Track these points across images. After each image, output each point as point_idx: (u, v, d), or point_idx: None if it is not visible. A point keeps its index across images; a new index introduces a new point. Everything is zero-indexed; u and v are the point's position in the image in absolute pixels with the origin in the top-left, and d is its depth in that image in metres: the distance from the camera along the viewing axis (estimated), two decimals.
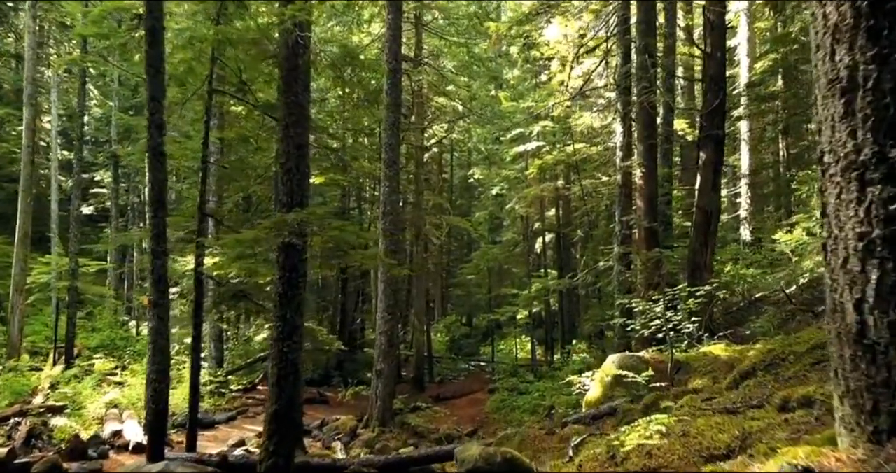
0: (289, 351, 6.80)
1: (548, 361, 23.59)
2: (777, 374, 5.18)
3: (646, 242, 12.55)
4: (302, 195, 7.00)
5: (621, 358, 8.67)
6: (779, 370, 5.29)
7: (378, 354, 14.34)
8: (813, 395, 3.37)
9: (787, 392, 3.66)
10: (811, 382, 4.60)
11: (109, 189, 31.15)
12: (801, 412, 3.27)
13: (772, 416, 3.48)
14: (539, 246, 27.37)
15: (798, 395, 3.48)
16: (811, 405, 3.32)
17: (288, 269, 6.89)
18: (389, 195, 14.40)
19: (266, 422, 6.74)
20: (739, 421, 3.49)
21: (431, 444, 14.10)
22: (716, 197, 12.35)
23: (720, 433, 3.33)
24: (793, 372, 5.00)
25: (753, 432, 3.13)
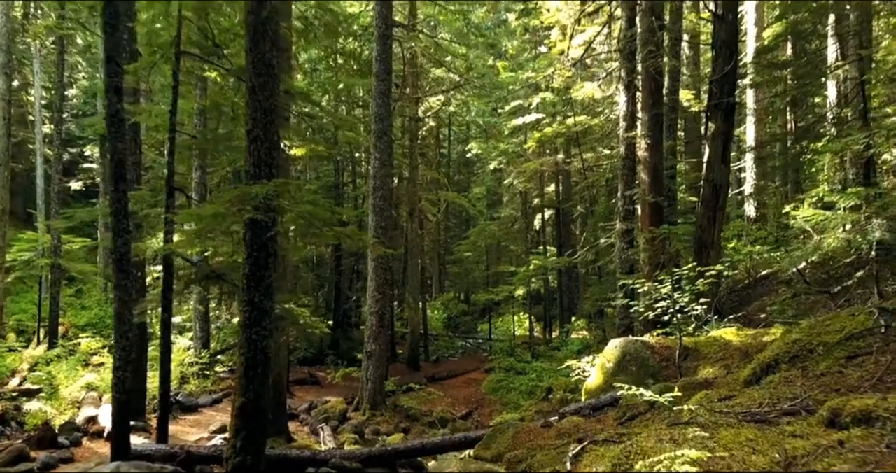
0: (258, 339, 6.15)
1: (546, 339, 23.06)
2: (805, 369, 4.52)
3: (650, 218, 11.85)
4: (271, 166, 6.28)
5: (624, 342, 8.03)
6: (806, 363, 4.62)
7: (369, 335, 13.74)
8: (874, 410, 2.72)
9: (838, 402, 3.00)
10: (850, 380, 3.95)
11: (98, 163, 30.31)
12: (858, 431, 2.62)
13: (817, 433, 2.83)
14: (538, 223, 26.67)
15: (853, 408, 2.82)
16: (871, 422, 2.68)
17: (255, 248, 6.20)
18: (380, 168, 13.66)
19: (233, 416, 6.12)
20: (776, 438, 2.84)
21: (424, 428, 13.60)
22: (725, 169, 11.60)
23: (754, 454, 2.67)
24: (824, 368, 4.33)
25: (799, 456, 2.48)
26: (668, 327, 8.89)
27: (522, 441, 6.51)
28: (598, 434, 5.60)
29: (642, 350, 7.78)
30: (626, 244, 12.24)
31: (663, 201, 12.05)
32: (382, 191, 13.65)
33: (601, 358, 8.32)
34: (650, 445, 3.30)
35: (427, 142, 31.09)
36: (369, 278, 13.79)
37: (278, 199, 5.96)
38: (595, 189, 19.87)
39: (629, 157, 12.75)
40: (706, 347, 7.62)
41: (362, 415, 13.37)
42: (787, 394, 4.00)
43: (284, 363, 11.04)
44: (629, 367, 7.74)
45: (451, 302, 34.58)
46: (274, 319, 6.43)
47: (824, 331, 4.93)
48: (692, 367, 7.26)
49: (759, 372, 5.03)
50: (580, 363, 9.15)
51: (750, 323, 9.69)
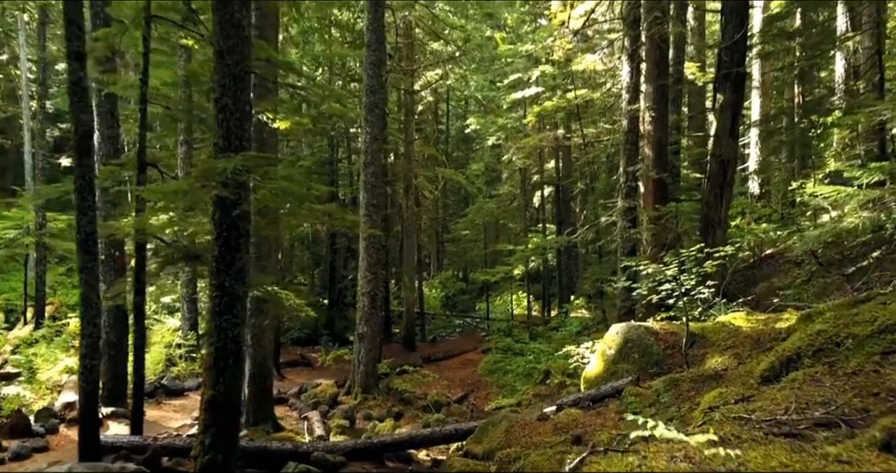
0: (228, 327, 5.64)
1: (544, 319, 22.64)
2: (833, 366, 4.01)
3: (653, 195, 11.30)
4: (241, 138, 5.70)
5: (626, 328, 7.54)
6: (834, 359, 4.12)
7: (360, 316, 13.28)
8: None
9: (891, 420, 2.50)
10: (890, 382, 3.43)
11: None
12: None
13: (870, 459, 2.34)
14: (537, 200, 26.10)
15: None
16: None
17: (225, 228, 5.66)
18: (371, 143, 13.05)
19: (201, 410, 5.63)
20: (818, 465, 2.34)
21: (417, 412, 13.19)
22: (733, 144, 11.01)
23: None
24: (856, 365, 3.82)
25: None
26: (672, 310, 8.39)
27: (516, 436, 6.05)
28: (598, 432, 5.13)
29: (645, 336, 7.29)
30: (628, 222, 11.70)
31: (667, 178, 11.48)
32: (374, 167, 13.07)
33: (601, 344, 7.84)
34: (662, 465, 2.80)
35: (424, 117, 30.37)
36: (360, 258, 13.27)
37: (248, 175, 5.40)
38: (596, 165, 19.25)
39: (632, 131, 12.15)
40: (714, 334, 7.12)
41: (354, 399, 12.96)
42: (817, 397, 3.49)
43: (271, 347, 10.58)
44: (631, 355, 7.26)
45: (450, 280, 34.13)
46: (247, 305, 5.91)
47: (852, 322, 4.42)
48: (699, 355, 6.77)
49: (777, 366, 4.52)
50: (579, 349, 8.67)
51: (758, 307, 9.20)
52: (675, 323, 7.58)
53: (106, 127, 10.90)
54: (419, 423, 12.48)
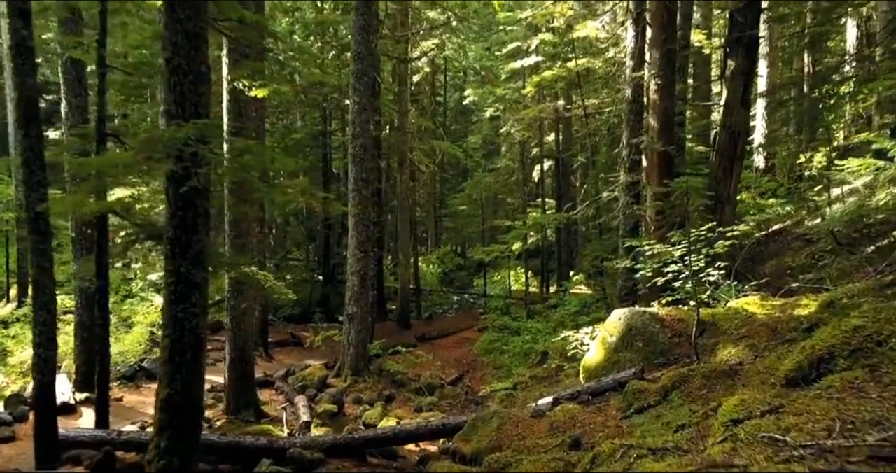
0: (186, 318, 5.03)
1: (543, 296, 22.10)
2: (875, 370, 3.42)
3: (658, 169, 10.63)
4: (197, 104, 5.02)
5: (630, 314, 6.94)
6: (875, 361, 3.52)
7: (350, 296, 12.69)
8: None
9: None
10: None
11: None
12: None
13: None
14: (537, 174, 25.36)
15: None
16: None
17: (180, 207, 5.01)
18: (359, 113, 12.32)
19: (157, 410, 5.07)
20: None
21: (410, 395, 12.69)
22: (745, 114, 10.33)
23: None
24: None
25: None
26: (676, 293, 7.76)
27: (508, 436, 5.49)
28: (599, 435, 4.56)
29: (650, 323, 6.70)
30: (630, 198, 11.04)
31: (674, 150, 10.79)
32: (363, 139, 12.35)
33: (603, 330, 7.25)
34: None
35: (421, 88, 29.46)
36: (350, 235, 12.64)
37: (202, 146, 4.73)
38: (597, 137, 18.49)
39: (636, 101, 11.42)
40: (726, 321, 6.53)
41: (343, 382, 12.44)
42: (864, 414, 2.89)
43: (252, 329, 10.02)
44: (635, 343, 6.68)
45: (447, 256, 33.54)
46: (207, 293, 5.29)
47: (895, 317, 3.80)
48: (709, 345, 6.18)
49: (806, 367, 3.92)
50: (578, 334, 8.09)
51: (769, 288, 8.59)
52: (683, 309, 6.99)
53: (73, 95, 10.17)
54: (411, 407, 12.00)
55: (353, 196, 12.43)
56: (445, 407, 12.12)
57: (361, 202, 12.42)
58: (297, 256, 30.39)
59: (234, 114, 9.37)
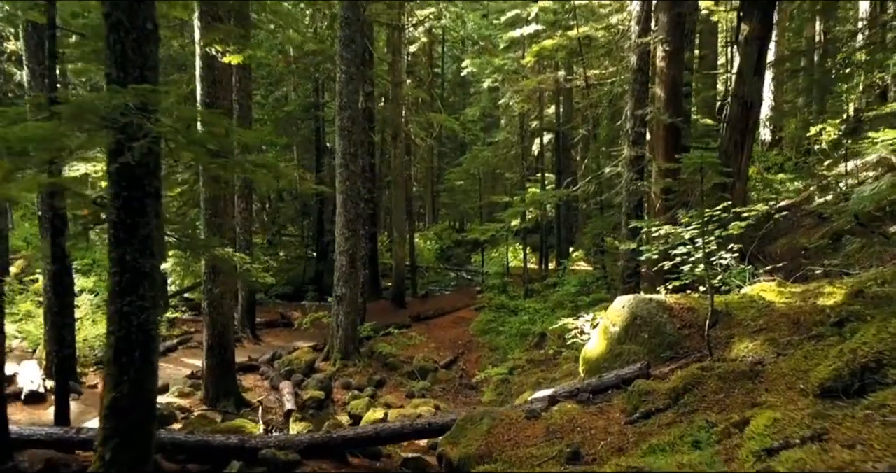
0: (133, 312, 4.43)
1: (542, 273, 21.54)
2: None
3: (665, 142, 9.95)
4: (143, 66, 4.35)
5: (634, 302, 6.34)
6: None
7: (339, 277, 12.11)
8: None
9: None
10: None
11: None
12: None
13: None
14: (536, 148, 24.60)
15: None
16: None
17: (124, 186, 4.38)
18: (346, 84, 11.59)
19: (101, 417, 4.49)
20: None
21: (402, 379, 12.17)
22: (759, 82, 9.62)
23: None
24: None
25: None
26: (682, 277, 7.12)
27: (500, 441, 4.92)
28: (601, 444, 3.99)
29: (657, 313, 6.10)
30: (634, 174, 10.36)
31: (681, 122, 10.09)
32: (351, 111, 11.64)
33: (605, 319, 6.66)
34: None
35: (418, 59, 28.54)
36: (337, 213, 12.00)
37: (145, 115, 4.07)
38: (599, 109, 17.70)
39: (641, 69, 10.66)
40: (740, 310, 5.93)
41: (332, 366, 11.93)
42: None
43: (231, 314, 9.44)
44: (640, 334, 6.09)
45: (445, 231, 32.93)
46: (157, 283, 4.68)
47: None
48: (723, 338, 5.59)
49: (847, 375, 3.33)
50: (577, 322, 7.51)
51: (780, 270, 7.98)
52: (693, 296, 6.38)
53: (36, 62, 9.43)
54: (402, 392, 11.50)
55: (341, 171, 11.77)
56: (438, 393, 11.63)
57: (350, 178, 11.76)
58: (292, 232, 29.75)
59: (207, 82, 8.67)
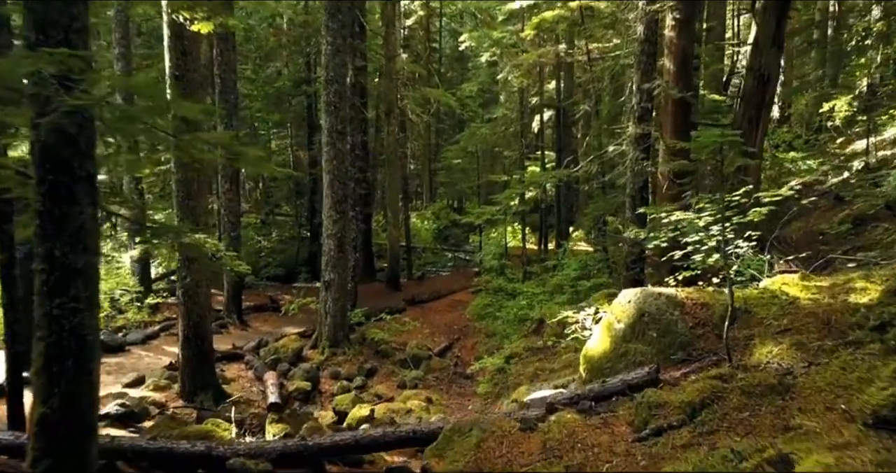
0: (64, 315, 3.81)
1: (541, 254, 20.96)
2: None
3: (674, 118, 9.26)
4: (67, 28, 3.67)
5: (642, 296, 5.73)
6: None
7: (326, 262, 11.51)
8: None
9: None
10: None
11: None
12: None
13: None
14: (536, 125, 23.83)
15: None
16: None
17: (49, 169, 3.73)
18: (333, 56, 10.85)
19: (31, 434, 3.90)
20: None
21: (394, 367, 11.63)
22: (777, 54, 8.90)
23: None
24: None
25: None
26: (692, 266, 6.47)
27: (490, 457, 4.35)
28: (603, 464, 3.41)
29: (667, 309, 5.49)
30: (640, 153, 9.69)
31: (691, 97, 9.39)
32: (337, 86, 10.92)
33: (609, 313, 6.06)
34: None
35: (415, 33, 27.66)
36: (325, 194, 11.34)
37: (67, 85, 3.40)
38: (601, 83, 16.93)
39: (649, 40, 9.90)
40: (761, 307, 5.33)
41: (320, 354, 11.38)
42: None
43: (207, 303, 8.84)
44: (648, 332, 5.49)
45: (443, 211, 32.22)
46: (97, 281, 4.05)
47: None
48: (742, 340, 4.99)
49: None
50: (578, 315, 6.91)
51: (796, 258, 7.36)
52: (707, 290, 5.77)
53: None
54: (394, 381, 10.97)
55: (328, 150, 11.09)
56: (431, 382, 11.09)
57: (337, 157, 11.08)
58: (286, 212, 29.08)
59: (176, 53, 7.96)
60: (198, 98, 8.24)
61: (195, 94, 8.16)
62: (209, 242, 7.11)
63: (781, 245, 8.27)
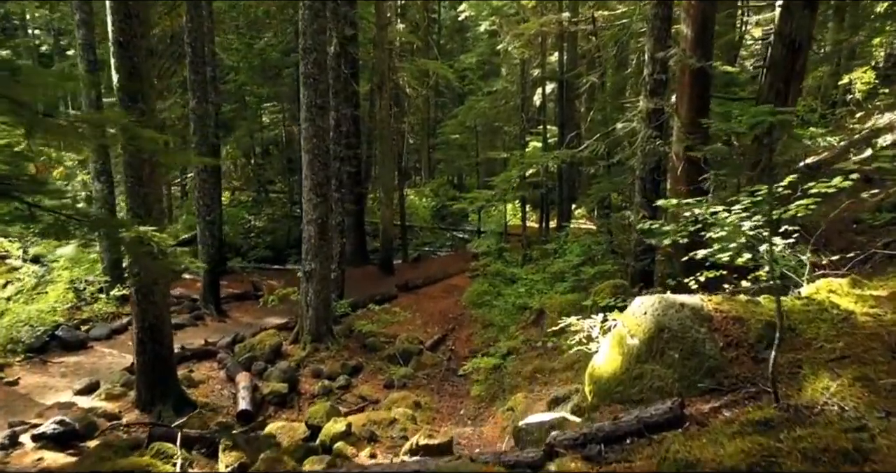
0: None
1: (541, 236, 19.97)
2: None
3: (690, 91, 8.18)
4: None
5: (660, 306, 4.75)
6: None
7: (307, 250, 10.55)
8: None
9: None
10: None
11: None
12: None
13: None
14: (538, 99, 22.66)
15: None
16: None
17: None
18: (311, 22, 9.74)
19: None
20: None
21: (381, 364, 10.72)
22: (810, 17, 7.79)
23: None
24: None
25: None
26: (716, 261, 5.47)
27: None
28: None
29: (692, 324, 4.52)
30: (652, 130, 8.64)
31: (711, 67, 8.29)
32: (316, 55, 9.82)
33: (621, 325, 5.09)
34: None
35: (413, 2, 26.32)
36: (303, 175, 10.33)
37: None
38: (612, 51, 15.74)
39: (663, 3, 8.81)
40: (807, 324, 4.36)
41: (301, 350, 10.49)
42: None
43: (164, 302, 7.88)
44: (668, 352, 4.54)
45: (442, 187, 31.16)
46: None
47: None
48: (786, 367, 4.03)
49: None
50: (583, 323, 5.95)
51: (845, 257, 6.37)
52: (739, 300, 4.78)
53: None
54: (381, 380, 10.10)
55: (307, 127, 10.05)
56: (422, 381, 10.21)
57: (317, 134, 10.04)
58: (281, 188, 28.03)
59: (119, 15, 6.86)
60: (147, 68, 7.19)
61: (144, 65, 7.10)
62: (158, 237, 6.14)
63: (808, 236, 7.26)
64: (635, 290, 8.37)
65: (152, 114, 7.30)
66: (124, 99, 7.09)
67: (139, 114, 7.06)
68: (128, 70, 7.03)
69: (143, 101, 7.15)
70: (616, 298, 8.06)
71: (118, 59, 6.99)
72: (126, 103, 7.08)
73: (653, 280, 8.82)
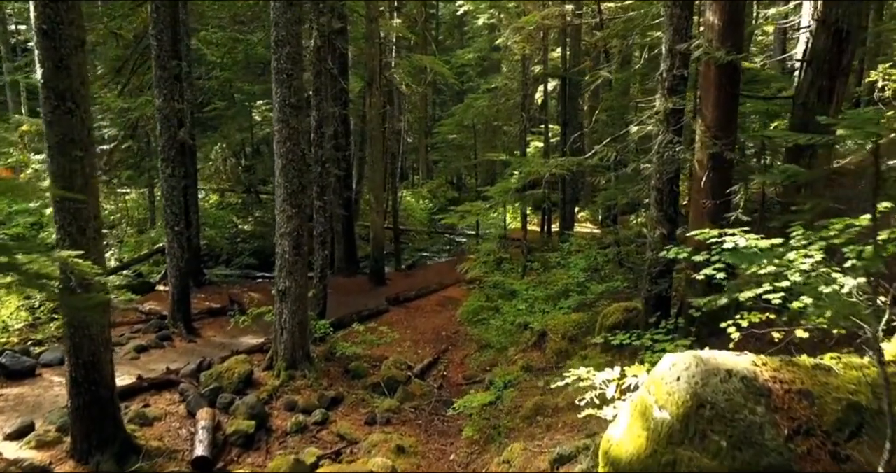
0: None
1: (543, 240, 18.87)
2: None
3: (716, 89, 7.03)
4: None
5: (698, 371, 3.64)
6: None
7: (281, 266, 9.45)
8: None
9: None
10: None
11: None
12: None
13: None
14: (539, 97, 21.53)
15: None
16: None
17: None
18: (284, 11, 8.62)
19: None
20: None
21: (364, 394, 9.57)
22: (859, 1, 6.67)
23: None
24: None
25: None
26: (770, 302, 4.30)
27: None
28: None
29: (744, 401, 3.40)
30: (672, 134, 7.51)
31: (740, 62, 7.15)
32: (290, 48, 8.70)
33: (644, 390, 3.97)
34: None
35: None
36: (276, 183, 9.21)
37: None
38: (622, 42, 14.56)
39: None
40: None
41: (276, 378, 9.38)
42: None
43: (103, 336, 6.75)
44: (711, 436, 3.42)
45: (440, 188, 30.05)
46: None
47: None
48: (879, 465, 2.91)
49: None
50: (595, 378, 4.82)
51: None
52: (804, 364, 3.65)
53: None
54: (362, 414, 8.98)
55: (280, 128, 8.94)
56: (409, 416, 9.08)
57: (291, 137, 8.93)
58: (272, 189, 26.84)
59: None
60: (79, 62, 6.07)
61: (74, 57, 5.99)
62: (81, 265, 5.05)
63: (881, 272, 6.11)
64: (652, 320, 7.25)
65: (86, 116, 6.18)
66: (50, 97, 5.99)
67: (66, 115, 5.97)
68: (54, 63, 5.93)
69: (73, 100, 6.04)
70: (630, 334, 6.93)
71: (42, 49, 5.90)
72: (52, 102, 5.98)
73: (669, 306, 7.71)
